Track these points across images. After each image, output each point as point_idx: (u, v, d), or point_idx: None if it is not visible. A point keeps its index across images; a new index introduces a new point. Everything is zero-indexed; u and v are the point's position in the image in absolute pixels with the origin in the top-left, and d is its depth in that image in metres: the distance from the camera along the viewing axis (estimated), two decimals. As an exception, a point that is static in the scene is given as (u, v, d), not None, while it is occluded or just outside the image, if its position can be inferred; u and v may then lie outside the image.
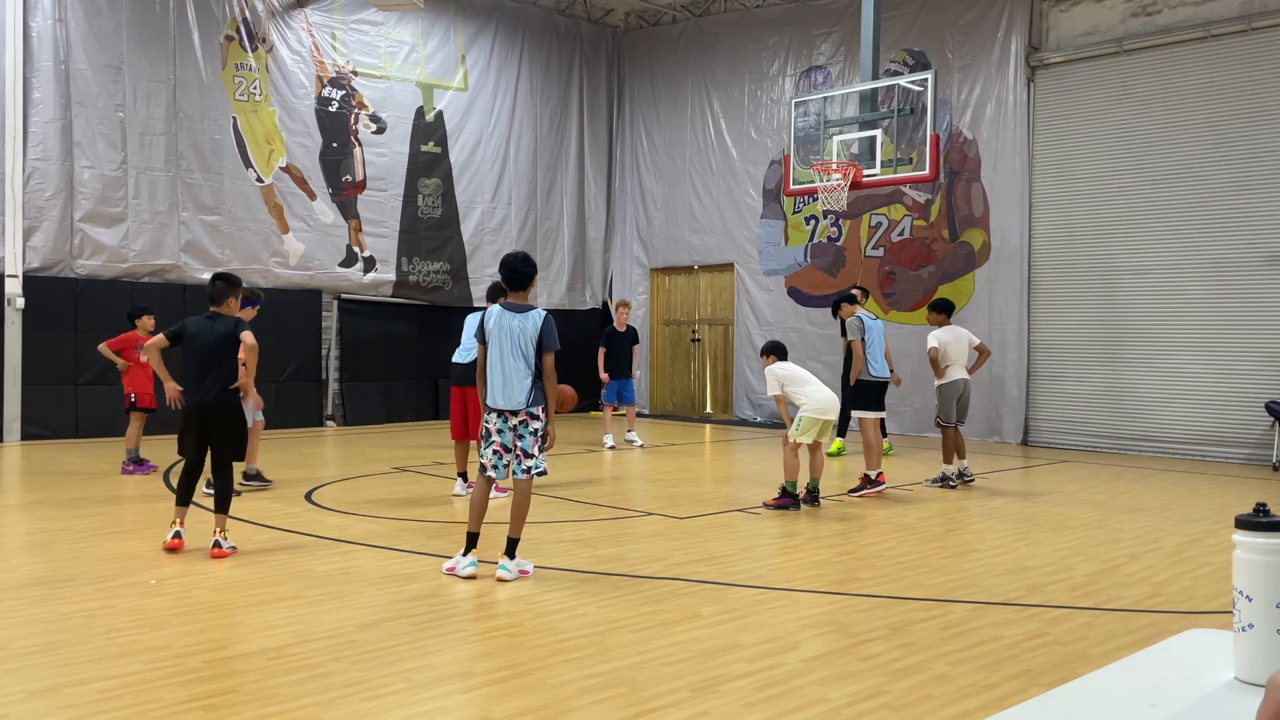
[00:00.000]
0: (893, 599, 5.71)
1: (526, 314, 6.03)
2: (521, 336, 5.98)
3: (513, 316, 6.02)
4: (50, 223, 13.10)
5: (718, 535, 7.53)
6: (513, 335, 5.98)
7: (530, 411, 6.01)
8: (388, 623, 5.07)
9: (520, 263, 6.15)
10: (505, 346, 5.99)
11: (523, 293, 6.14)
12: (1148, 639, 4.72)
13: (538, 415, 6.03)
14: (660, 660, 4.54)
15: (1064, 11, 14.06)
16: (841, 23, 16.07)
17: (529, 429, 6.02)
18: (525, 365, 5.98)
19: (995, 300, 14.42)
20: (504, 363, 5.99)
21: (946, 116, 14.69)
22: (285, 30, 15.23)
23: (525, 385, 5.98)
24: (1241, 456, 12.32)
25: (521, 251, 6.43)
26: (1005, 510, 8.89)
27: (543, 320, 6.04)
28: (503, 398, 6.00)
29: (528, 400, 5.99)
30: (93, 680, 4.20)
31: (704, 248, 18.02)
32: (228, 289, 6.90)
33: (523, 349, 5.98)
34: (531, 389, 6.00)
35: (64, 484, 9.56)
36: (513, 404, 5.98)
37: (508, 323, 6.01)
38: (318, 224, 15.55)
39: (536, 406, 6.02)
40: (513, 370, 5.98)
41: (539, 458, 6.06)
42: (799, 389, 8.67)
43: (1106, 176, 13.52)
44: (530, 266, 6.17)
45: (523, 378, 5.97)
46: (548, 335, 6.02)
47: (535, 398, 6.02)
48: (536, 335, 6.00)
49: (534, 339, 6.00)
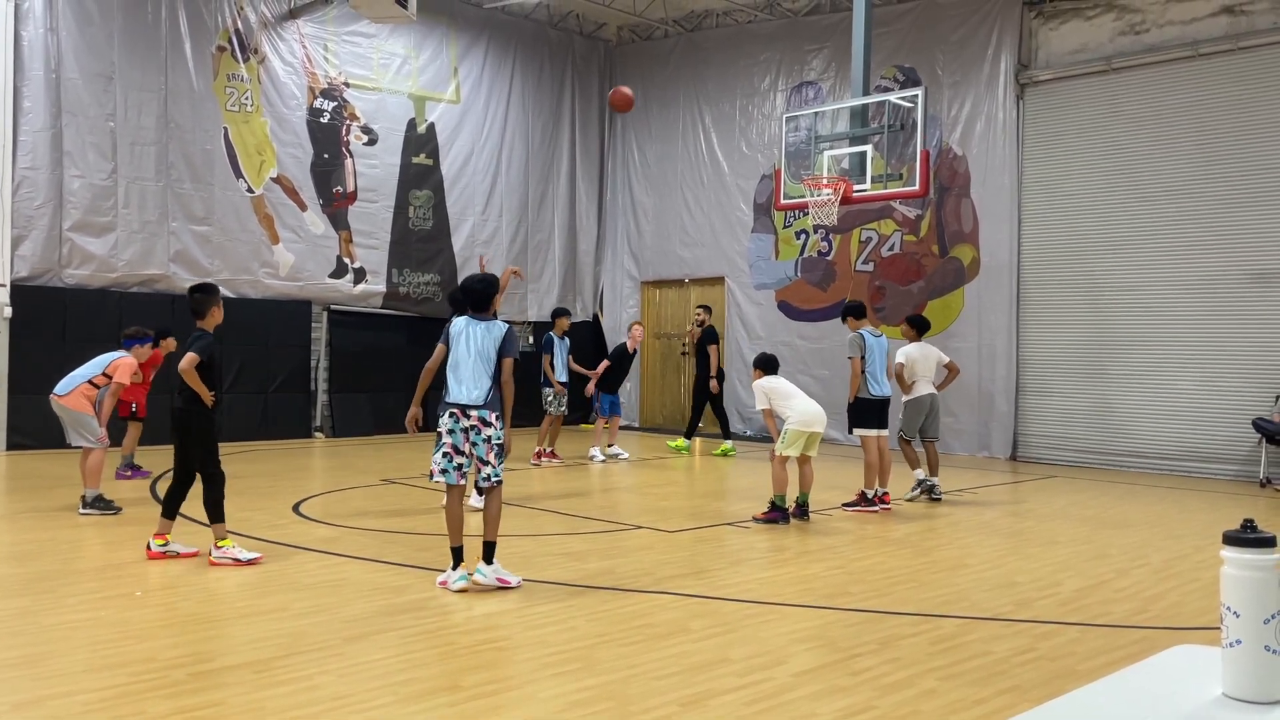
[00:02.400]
0: (882, 614, 5.71)
1: (490, 323, 6.33)
2: (485, 342, 6.25)
3: (478, 325, 6.31)
4: (39, 232, 13.04)
5: (707, 549, 7.53)
6: (477, 340, 6.25)
7: (483, 417, 6.17)
8: (376, 635, 5.05)
9: (479, 284, 6.49)
10: (469, 348, 6.24)
11: (485, 311, 6.42)
12: (1135, 655, 4.73)
13: (490, 422, 6.19)
14: (649, 674, 4.53)
15: (1053, 30, 14.16)
16: (832, 39, 16.15)
17: (482, 436, 6.17)
18: (486, 367, 6.23)
19: (984, 316, 14.47)
20: (466, 362, 6.24)
21: (936, 132, 14.76)
22: (277, 41, 15.24)
23: (485, 385, 6.19)
24: (1229, 473, 12.37)
25: (480, 273, 6.80)
26: (994, 525, 8.90)
27: (505, 330, 6.33)
28: (463, 393, 6.19)
29: (485, 399, 6.18)
30: (77, 693, 4.16)
31: (695, 261, 18.05)
32: (206, 299, 6.88)
33: (486, 354, 6.24)
34: (490, 390, 6.20)
35: (49, 494, 9.50)
36: (470, 399, 6.17)
37: (473, 329, 6.30)
38: (308, 235, 15.53)
39: (491, 412, 6.20)
40: (474, 369, 6.21)
41: (496, 466, 6.22)
42: (785, 402, 8.71)
43: (1095, 193, 13.59)
44: (490, 286, 6.49)
45: (483, 377, 6.20)
46: (509, 343, 6.29)
47: (493, 403, 6.21)
48: (499, 343, 6.25)
49: (496, 345, 6.25)
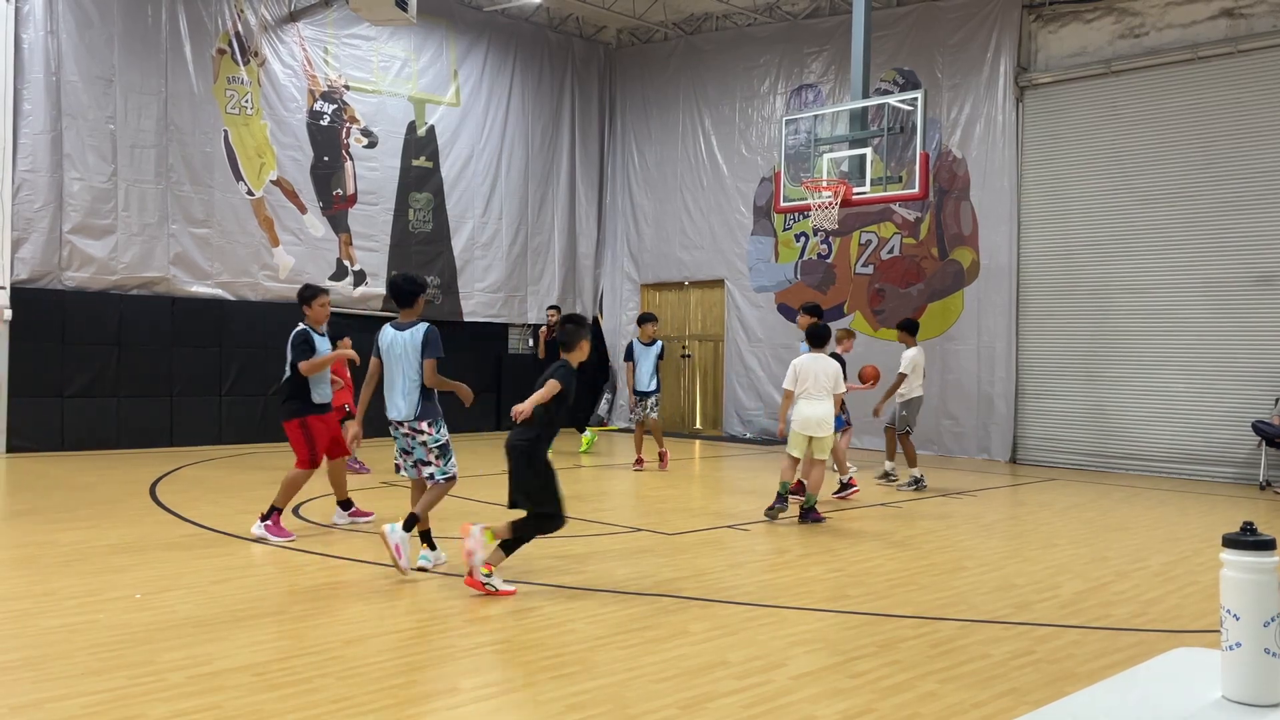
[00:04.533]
0: (881, 616, 5.71)
1: (411, 329, 6.38)
2: (406, 351, 6.34)
3: (399, 333, 6.39)
4: (39, 234, 13.04)
5: (706, 552, 7.52)
6: (397, 351, 6.37)
7: (414, 425, 6.37)
8: (374, 638, 5.04)
9: (404, 281, 6.52)
10: (394, 360, 6.40)
11: (410, 310, 6.48)
12: (1135, 657, 4.72)
13: (422, 429, 6.36)
14: (648, 677, 4.52)
15: (1052, 33, 14.17)
16: (832, 42, 16.17)
17: (418, 441, 6.42)
18: (413, 378, 6.33)
19: (984, 318, 14.47)
20: (391, 374, 6.41)
21: (936, 135, 14.77)
22: (277, 44, 15.25)
23: (413, 398, 6.34)
24: (1229, 476, 12.36)
25: (408, 271, 6.91)
26: (993, 528, 8.90)
27: (424, 332, 6.34)
28: (391, 408, 6.41)
29: (414, 413, 6.36)
30: (75, 696, 4.16)
31: (694, 264, 18.06)
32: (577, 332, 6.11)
33: (408, 363, 6.34)
34: (419, 402, 6.35)
35: (49, 497, 9.49)
36: (399, 414, 6.39)
37: (394, 339, 6.40)
38: (308, 237, 15.53)
39: (423, 420, 6.36)
40: (400, 381, 6.36)
41: (437, 466, 6.44)
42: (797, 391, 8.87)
43: (1095, 196, 13.60)
44: (414, 285, 6.51)
45: (410, 390, 6.34)
46: (427, 344, 6.32)
47: (421, 411, 6.37)
48: (418, 348, 6.31)
49: (418, 351, 6.32)
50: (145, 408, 13.73)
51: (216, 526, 8.06)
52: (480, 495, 10.08)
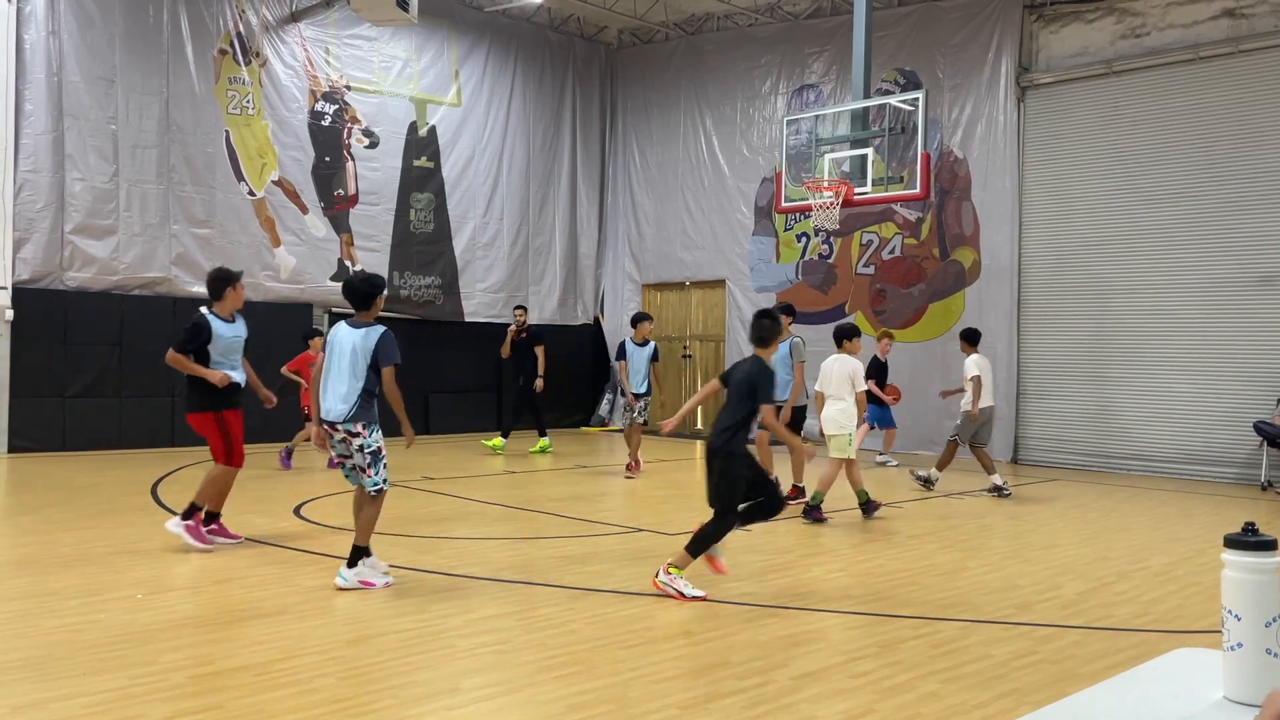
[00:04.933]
0: (883, 617, 5.70)
1: (366, 330, 6.04)
2: (355, 352, 5.97)
3: (352, 332, 6.05)
4: (40, 235, 13.05)
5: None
6: (346, 350, 6.00)
7: (349, 429, 6.00)
8: (375, 638, 5.05)
9: (360, 282, 6.17)
10: (336, 361, 6.03)
11: (366, 311, 6.13)
12: (1137, 658, 4.72)
13: (358, 432, 6.00)
14: (650, 677, 4.52)
15: (1054, 33, 14.17)
16: (833, 42, 16.16)
17: (354, 447, 6.04)
18: (354, 381, 5.98)
19: (985, 318, 14.46)
20: (332, 377, 6.04)
21: (937, 135, 14.76)
22: (279, 44, 15.25)
23: (351, 401, 5.97)
24: (1230, 476, 12.35)
25: (364, 272, 6.48)
26: (995, 528, 8.89)
27: (380, 335, 6.01)
28: (325, 407, 6.04)
29: (348, 415, 5.98)
30: (77, 696, 4.16)
31: (695, 264, 18.06)
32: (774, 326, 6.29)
33: (355, 365, 5.97)
34: (356, 405, 5.98)
35: (50, 497, 9.50)
36: (331, 416, 6.01)
37: (345, 337, 6.04)
38: (309, 238, 15.54)
39: (358, 424, 6.00)
40: (339, 381, 6.00)
41: (372, 475, 6.06)
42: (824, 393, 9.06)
43: (1096, 196, 13.59)
44: (370, 286, 6.16)
45: (350, 394, 5.98)
46: (383, 351, 5.98)
47: (356, 414, 5.99)
48: (371, 352, 5.97)
49: (369, 354, 5.97)
50: (146, 408, 13.74)
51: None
52: (479, 496, 10.08)
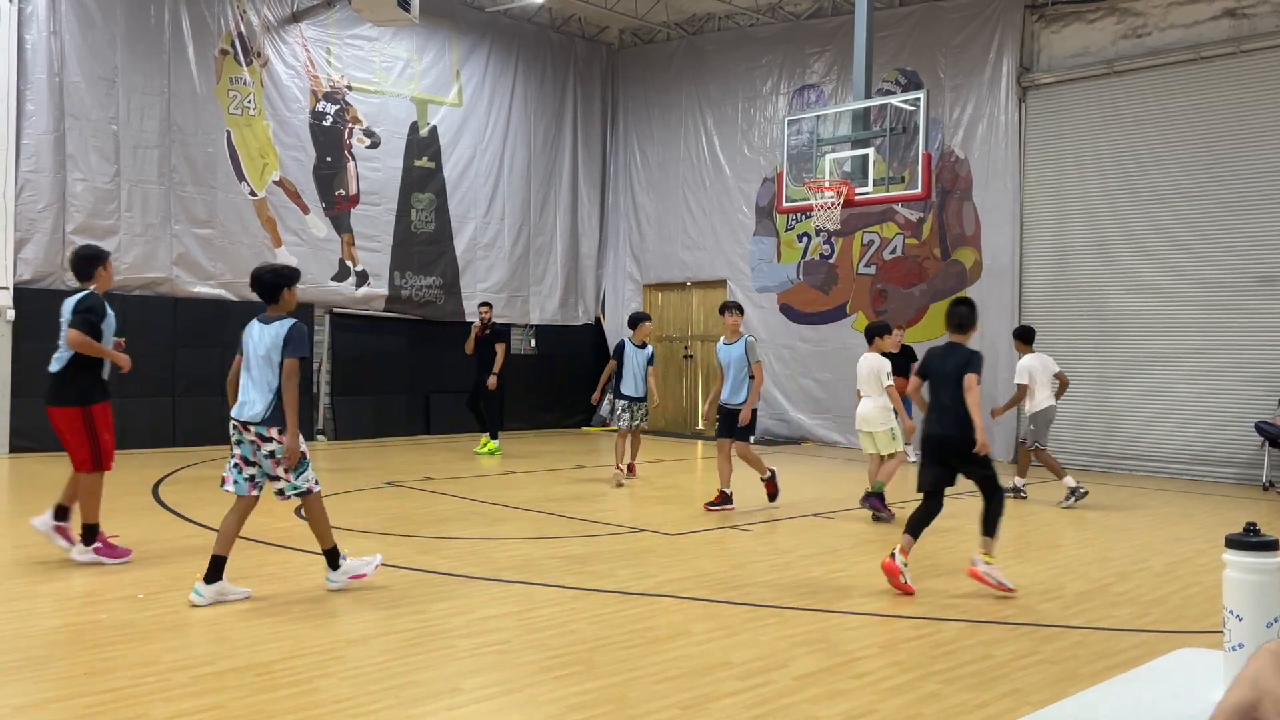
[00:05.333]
0: (883, 617, 5.70)
1: (277, 324, 5.75)
2: (262, 346, 5.71)
3: (263, 329, 5.77)
4: (42, 235, 13.05)
5: (709, 552, 7.52)
6: (259, 344, 5.73)
7: (260, 433, 5.71)
8: (376, 639, 5.05)
9: (267, 273, 5.89)
10: (249, 360, 5.78)
11: (277, 305, 5.84)
12: (1138, 658, 4.72)
13: (270, 436, 5.71)
14: (650, 678, 4.52)
15: (1055, 33, 14.16)
16: (834, 42, 16.16)
17: (264, 452, 5.76)
18: (268, 376, 5.71)
19: (986, 319, 14.31)
20: (246, 375, 5.79)
21: (938, 135, 14.76)
22: (280, 44, 15.26)
23: (266, 400, 5.69)
24: (1231, 476, 12.34)
25: (273, 263, 6.17)
26: (996, 528, 8.88)
27: (288, 328, 5.72)
28: (240, 407, 5.78)
29: (265, 413, 5.69)
30: (78, 695, 4.16)
31: (696, 264, 18.06)
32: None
33: (266, 361, 5.71)
34: (271, 406, 5.70)
35: (51, 498, 9.46)
36: (244, 416, 5.73)
37: (256, 335, 5.78)
38: (310, 238, 15.54)
39: (271, 427, 5.70)
40: (251, 383, 5.75)
41: (293, 480, 5.82)
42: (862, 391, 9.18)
43: (1097, 196, 13.59)
44: (277, 276, 5.87)
45: (263, 392, 5.70)
46: (291, 343, 5.69)
47: (274, 416, 5.70)
48: (279, 344, 5.69)
49: (279, 348, 5.69)
50: (148, 408, 13.74)
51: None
52: (480, 496, 10.08)
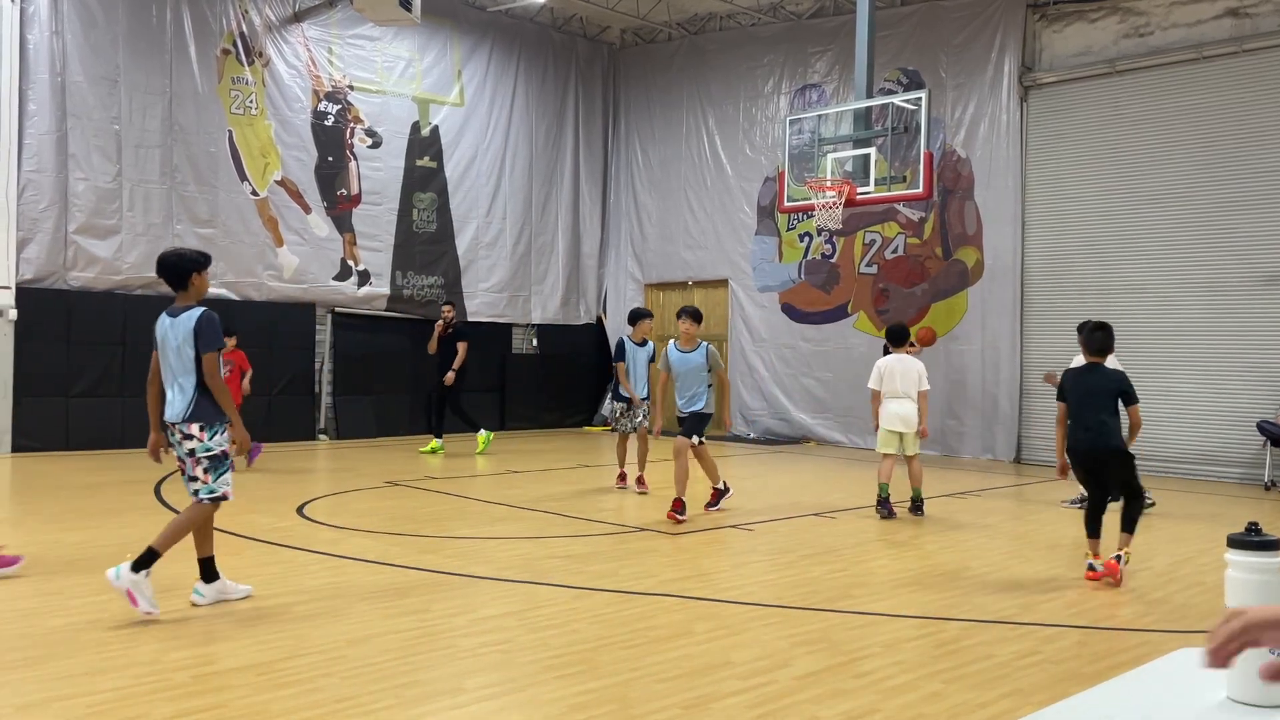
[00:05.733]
0: (885, 616, 5.70)
1: (185, 314, 5.43)
2: (174, 340, 5.40)
3: (173, 321, 5.45)
4: (44, 235, 13.07)
5: (710, 552, 7.52)
6: (170, 342, 5.42)
7: (183, 430, 5.41)
8: (378, 638, 5.05)
9: (173, 256, 5.56)
10: (166, 354, 5.46)
11: (185, 293, 5.51)
12: (1140, 658, 4.72)
13: (192, 434, 5.41)
14: (652, 677, 4.52)
15: (1057, 32, 14.16)
16: (836, 41, 16.16)
17: (185, 450, 5.46)
18: (185, 374, 5.40)
19: (988, 318, 14.46)
20: (165, 373, 5.49)
21: (940, 135, 14.75)
22: (281, 44, 15.26)
23: (186, 396, 5.39)
24: (1234, 476, 12.34)
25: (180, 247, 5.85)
26: (997, 528, 8.89)
27: (197, 319, 5.38)
28: (166, 407, 5.48)
29: (184, 414, 5.39)
30: (80, 695, 4.17)
31: (698, 263, 18.06)
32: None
33: (179, 355, 5.39)
34: (191, 402, 5.39)
35: (54, 497, 9.51)
36: (168, 415, 5.45)
37: (167, 328, 5.47)
38: (312, 237, 15.55)
39: (193, 423, 5.40)
40: (171, 380, 5.44)
41: (203, 481, 5.47)
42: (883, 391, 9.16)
43: (1099, 195, 13.58)
44: (185, 260, 5.52)
45: (182, 389, 5.40)
46: (203, 335, 5.36)
47: (195, 412, 5.40)
48: (190, 337, 5.37)
49: (191, 341, 5.37)
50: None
51: (221, 526, 8.05)
52: (481, 495, 10.09)
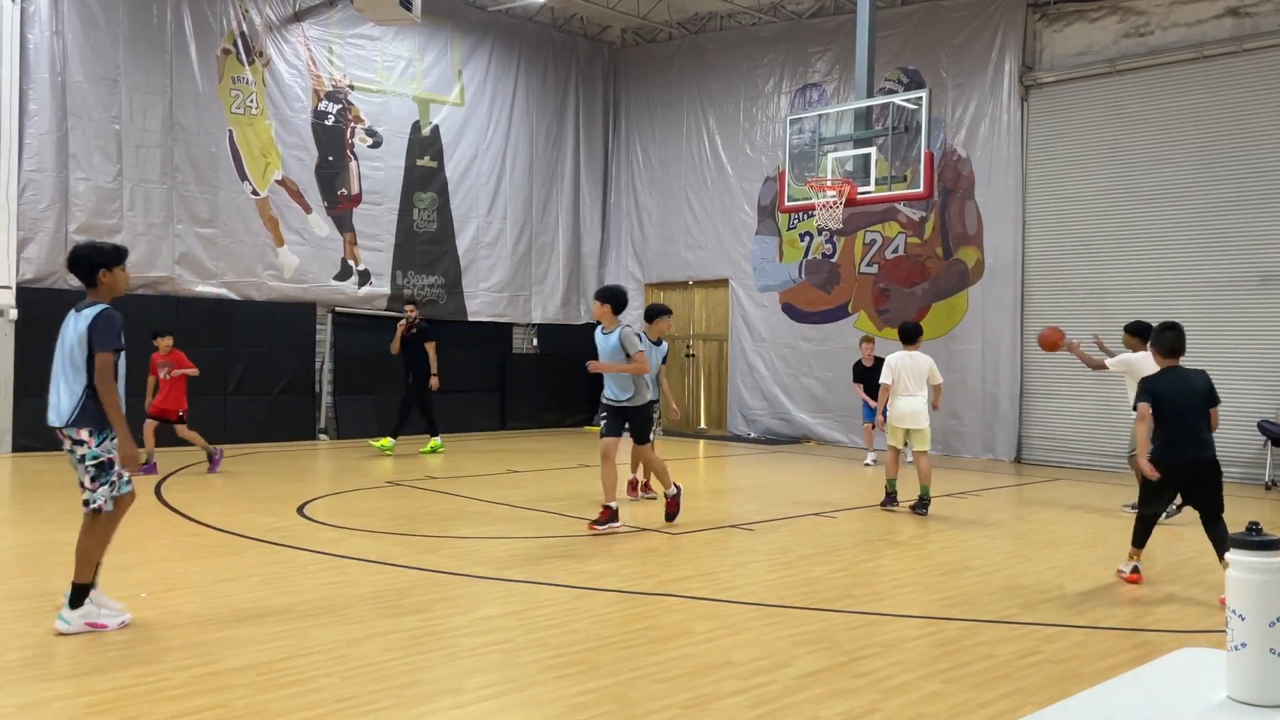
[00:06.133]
0: (886, 616, 5.70)
1: (85, 312, 5.09)
2: (70, 338, 5.08)
3: (75, 318, 5.12)
4: (45, 234, 13.07)
5: (711, 551, 7.52)
6: (66, 340, 5.10)
7: (70, 434, 5.07)
8: (379, 638, 5.05)
9: (86, 248, 5.22)
10: (57, 355, 5.14)
11: (95, 290, 5.17)
12: (1140, 658, 4.72)
13: (82, 439, 5.06)
14: (652, 677, 4.52)
15: (1057, 32, 14.15)
16: (836, 41, 16.16)
17: (76, 456, 5.11)
18: (74, 375, 5.06)
19: (988, 318, 14.45)
20: (54, 372, 5.15)
21: (940, 134, 14.75)
22: (282, 44, 15.26)
23: (73, 398, 5.04)
24: (1234, 476, 12.30)
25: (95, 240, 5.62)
26: (998, 528, 8.89)
27: (94, 315, 5.03)
28: (50, 410, 5.15)
29: (70, 417, 5.04)
30: (81, 695, 4.17)
31: (699, 263, 18.06)
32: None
33: (72, 355, 5.05)
34: (79, 405, 5.03)
35: (55, 496, 9.51)
36: (55, 417, 5.11)
37: (68, 325, 5.13)
38: (313, 237, 15.55)
39: (81, 428, 5.05)
40: (60, 380, 5.10)
41: (94, 490, 5.09)
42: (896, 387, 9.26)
43: (1099, 195, 13.58)
44: (97, 253, 5.17)
45: (70, 390, 5.05)
46: (99, 332, 4.99)
47: (82, 416, 5.04)
48: (85, 336, 5.01)
49: (84, 339, 5.02)
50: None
51: (221, 526, 8.08)
52: (482, 495, 10.09)
